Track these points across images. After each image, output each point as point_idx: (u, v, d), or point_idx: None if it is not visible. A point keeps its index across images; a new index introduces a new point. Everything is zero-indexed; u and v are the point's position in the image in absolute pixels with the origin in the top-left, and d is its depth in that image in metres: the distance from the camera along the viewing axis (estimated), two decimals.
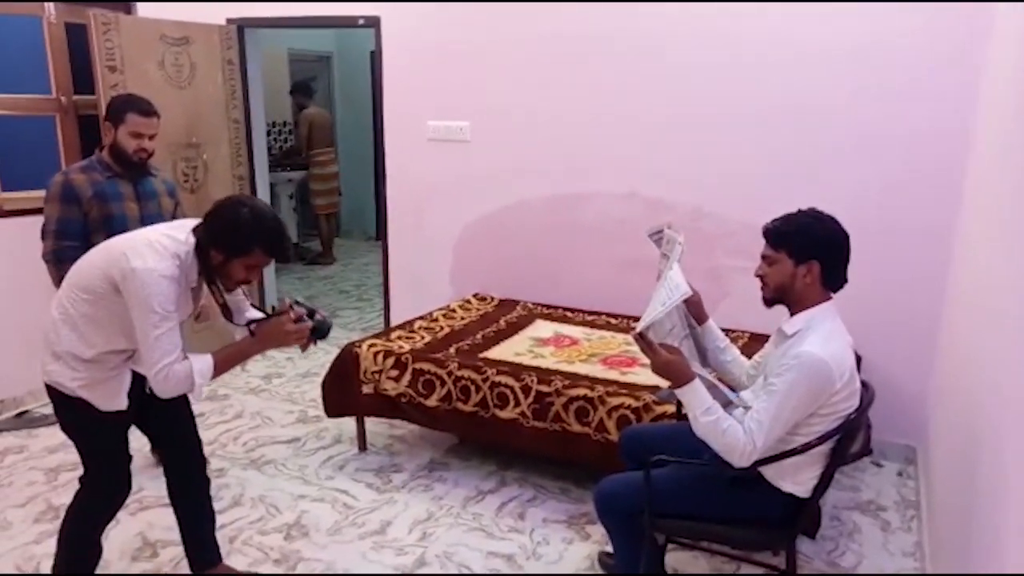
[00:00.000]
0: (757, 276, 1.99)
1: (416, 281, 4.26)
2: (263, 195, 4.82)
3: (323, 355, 4.43)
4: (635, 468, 2.28)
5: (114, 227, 2.60)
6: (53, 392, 2.07)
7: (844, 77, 3.12)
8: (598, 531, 2.70)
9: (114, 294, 1.94)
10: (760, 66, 3.25)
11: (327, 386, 3.24)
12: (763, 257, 1.97)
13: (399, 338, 3.31)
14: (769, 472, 1.93)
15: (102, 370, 2.04)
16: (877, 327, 3.19)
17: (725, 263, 3.46)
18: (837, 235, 1.89)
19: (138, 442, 3.36)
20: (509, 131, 3.81)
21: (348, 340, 4.81)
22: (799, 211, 1.95)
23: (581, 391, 2.75)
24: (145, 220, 2.71)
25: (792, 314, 1.97)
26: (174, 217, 2.92)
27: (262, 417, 3.68)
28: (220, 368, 2.00)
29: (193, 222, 2.05)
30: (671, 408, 2.57)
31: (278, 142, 6.99)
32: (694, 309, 2.25)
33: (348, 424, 3.40)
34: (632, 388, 2.75)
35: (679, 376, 1.88)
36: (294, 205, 6.72)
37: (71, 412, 2.09)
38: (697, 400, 1.87)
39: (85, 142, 3.84)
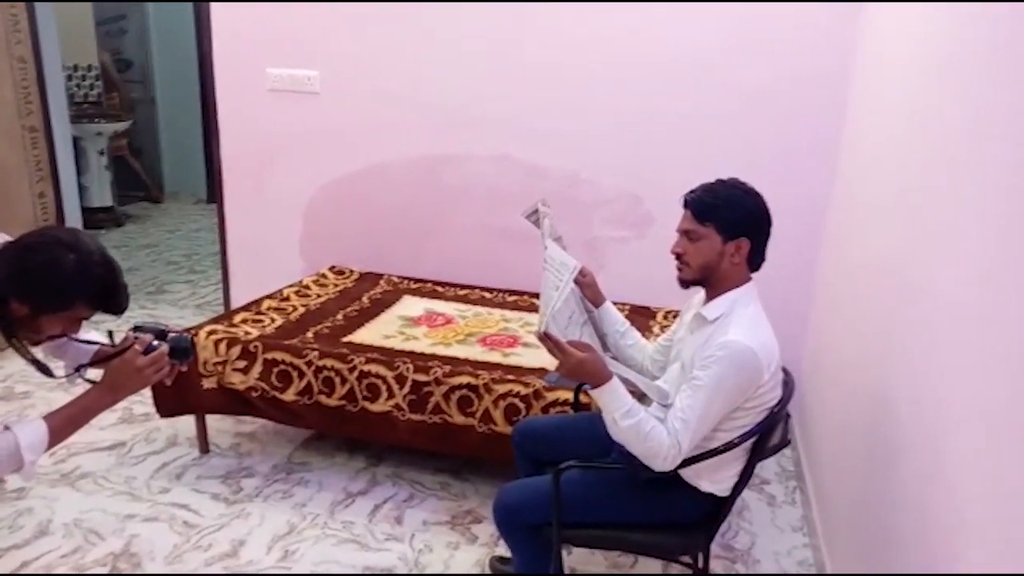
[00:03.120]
0: (675, 254, 1.77)
1: (259, 252, 3.75)
2: (64, 150, 4.05)
3: None
4: (531, 470, 2.06)
5: None
6: None
7: (727, 33, 2.98)
8: (485, 532, 2.46)
9: None
10: (643, 18, 3.03)
11: (158, 383, 2.72)
12: (684, 232, 1.75)
13: (244, 322, 2.85)
14: (687, 473, 1.75)
15: None
16: None
17: (602, 233, 3.27)
18: (765, 210, 1.72)
19: None
20: (367, 83, 3.37)
21: (180, 320, 4.26)
22: (720, 181, 1.75)
23: (464, 379, 2.46)
24: None
25: (710, 297, 1.78)
26: None
27: None
28: (57, 436, 1.54)
29: None
30: (564, 394, 2.35)
31: (82, 88, 6.00)
32: (589, 291, 2.02)
33: (186, 422, 2.89)
34: (518, 372, 2.51)
35: (595, 377, 1.64)
36: (106, 163, 5.81)
37: None
38: (616, 402, 1.64)
39: None
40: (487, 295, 3.34)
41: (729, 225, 1.68)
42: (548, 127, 3.22)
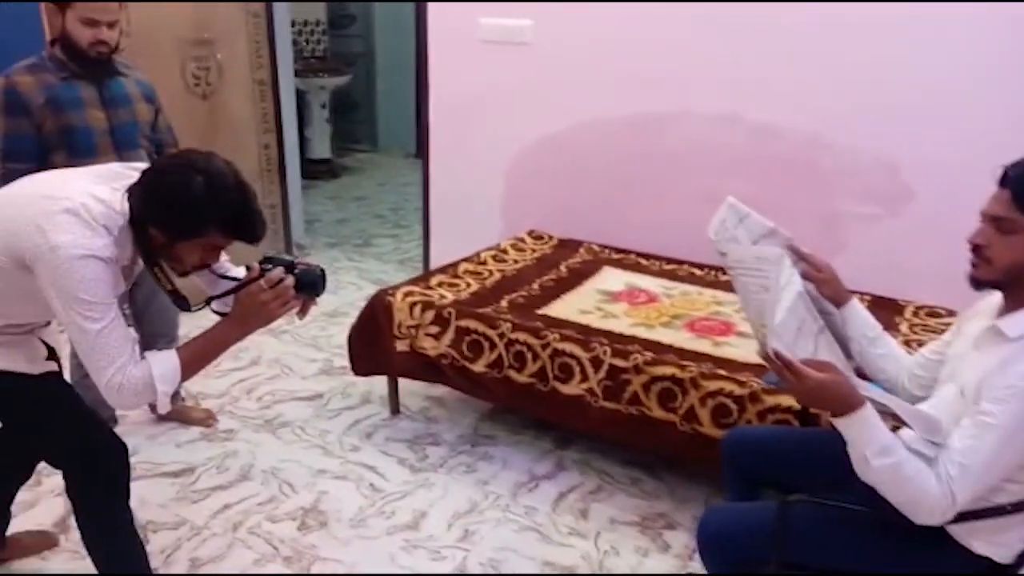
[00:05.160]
0: (974, 245, 1.36)
1: (460, 210, 3.66)
2: (288, 103, 4.21)
3: (354, 291, 3.95)
4: (741, 486, 1.75)
5: (76, 142, 2.07)
6: None
7: None
8: (679, 541, 2.20)
9: (19, 271, 1.42)
10: None
11: (354, 340, 2.72)
12: (992, 219, 1.32)
13: (440, 285, 2.76)
14: (957, 529, 1.36)
15: (8, 335, 1.57)
16: None
17: (845, 208, 2.78)
18: None
19: None
20: (582, 33, 3.10)
21: (382, 275, 4.35)
22: None
23: (667, 369, 2.18)
24: (116, 132, 2.17)
25: (1013, 307, 1.35)
26: (155, 129, 2.35)
27: (281, 366, 3.20)
28: (189, 368, 1.50)
29: (131, 173, 1.50)
30: (786, 400, 2.00)
31: (309, 43, 6.31)
32: (826, 288, 1.64)
33: (380, 380, 2.88)
34: (731, 367, 2.18)
35: (841, 404, 1.30)
36: (327, 115, 6.09)
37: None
38: (868, 435, 1.28)
39: None
40: (697, 272, 3.00)
41: None
42: (785, 81, 2.77)
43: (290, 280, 1.51)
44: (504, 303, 2.63)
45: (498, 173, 3.50)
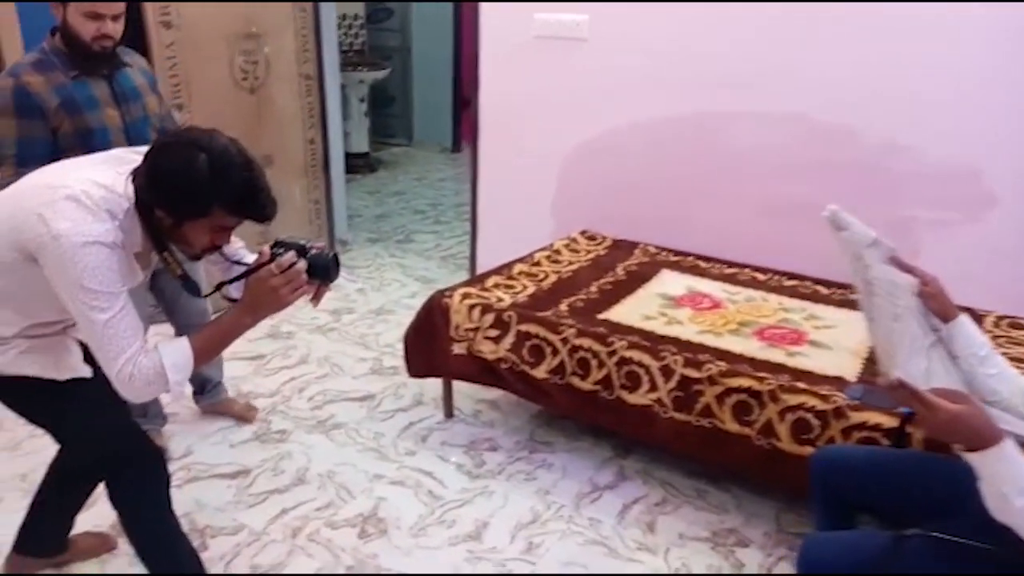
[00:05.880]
0: None
1: (509, 208, 3.58)
2: (333, 99, 4.16)
3: (398, 288, 3.90)
4: (833, 509, 1.67)
5: (95, 145, 1.95)
6: None
7: None
8: (752, 559, 2.12)
9: (28, 265, 1.38)
10: None
11: (410, 342, 2.67)
12: None
13: (496, 287, 2.69)
14: None
15: (38, 338, 1.53)
16: None
17: (919, 214, 2.68)
18: None
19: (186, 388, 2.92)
20: (640, 29, 3.01)
21: (425, 272, 4.29)
22: None
23: (744, 381, 2.10)
24: (130, 129, 2.10)
25: None
26: (161, 121, 2.27)
27: (331, 364, 3.15)
28: (202, 357, 1.46)
29: (134, 157, 1.45)
30: (873, 416, 1.91)
31: (348, 37, 6.26)
32: (934, 303, 1.55)
33: (431, 381, 2.82)
34: (810, 380, 2.09)
35: (978, 437, 1.20)
36: (365, 109, 6.04)
37: (28, 396, 1.59)
38: (1008, 472, 1.19)
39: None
40: (759, 276, 2.90)
41: None
42: (857, 81, 2.66)
43: (302, 265, 1.45)
44: (564, 306, 2.56)
45: (550, 171, 3.42)
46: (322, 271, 1.49)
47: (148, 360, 1.39)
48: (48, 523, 1.93)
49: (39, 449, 1.75)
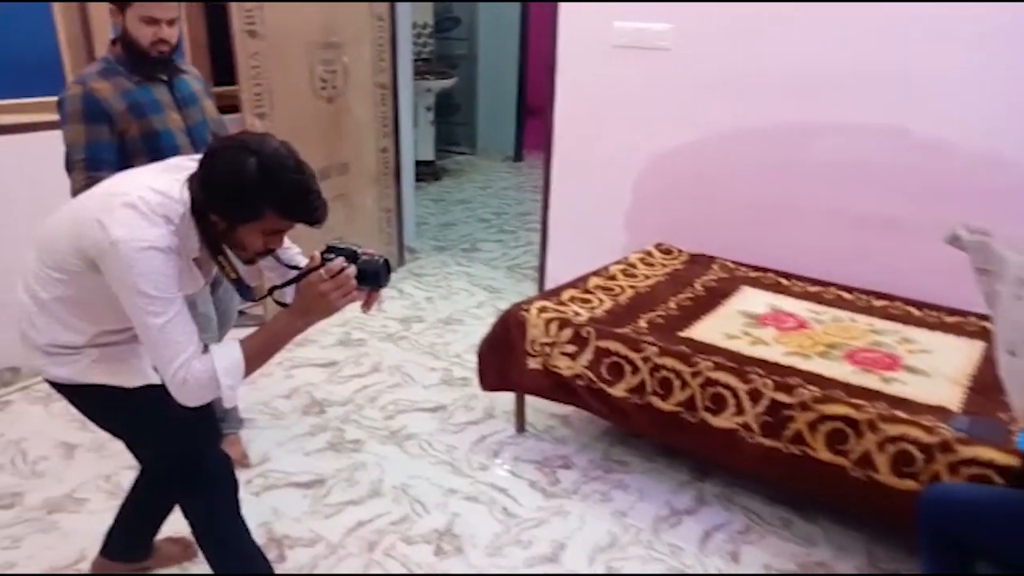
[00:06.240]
0: None
1: (581, 219, 3.53)
2: (405, 108, 4.18)
3: (466, 297, 3.89)
4: (945, 556, 1.58)
5: (161, 147, 2.03)
6: (62, 388, 1.59)
7: None
8: None
9: (92, 272, 1.40)
10: None
11: (484, 355, 2.64)
12: None
13: (572, 300, 2.64)
14: None
15: (108, 346, 1.55)
16: None
17: (1020, 231, 2.53)
18: None
19: (262, 393, 2.95)
20: (724, 37, 2.94)
21: (492, 281, 4.27)
22: None
23: (840, 408, 2.00)
24: (192, 132, 2.16)
25: None
26: (216, 127, 2.31)
27: (402, 373, 3.15)
28: (253, 362, 1.45)
29: (191, 164, 1.46)
30: (988, 452, 1.79)
31: (416, 46, 6.31)
32: None
33: (502, 394, 2.79)
34: (910, 409, 1.98)
35: None
36: (431, 118, 6.07)
37: (100, 403, 1.61)
38: None
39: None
40: (845, 295, 2.79)
41: None
42: (961, 92, 2.54)
43: (351, 270, 1.44)
44: (643, 323, 2.50)
45: (624, 182, 3.36)
46: (372, 277, 1.48)
47: (201, 364, 1.41)
48: (133, 529, 1.96)
49: (123, 450, 1.75)
